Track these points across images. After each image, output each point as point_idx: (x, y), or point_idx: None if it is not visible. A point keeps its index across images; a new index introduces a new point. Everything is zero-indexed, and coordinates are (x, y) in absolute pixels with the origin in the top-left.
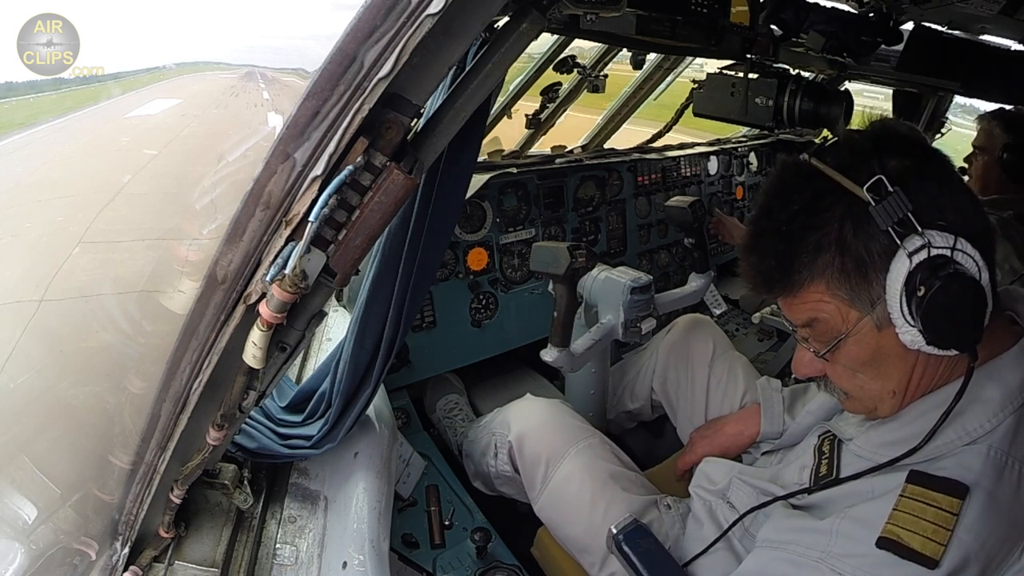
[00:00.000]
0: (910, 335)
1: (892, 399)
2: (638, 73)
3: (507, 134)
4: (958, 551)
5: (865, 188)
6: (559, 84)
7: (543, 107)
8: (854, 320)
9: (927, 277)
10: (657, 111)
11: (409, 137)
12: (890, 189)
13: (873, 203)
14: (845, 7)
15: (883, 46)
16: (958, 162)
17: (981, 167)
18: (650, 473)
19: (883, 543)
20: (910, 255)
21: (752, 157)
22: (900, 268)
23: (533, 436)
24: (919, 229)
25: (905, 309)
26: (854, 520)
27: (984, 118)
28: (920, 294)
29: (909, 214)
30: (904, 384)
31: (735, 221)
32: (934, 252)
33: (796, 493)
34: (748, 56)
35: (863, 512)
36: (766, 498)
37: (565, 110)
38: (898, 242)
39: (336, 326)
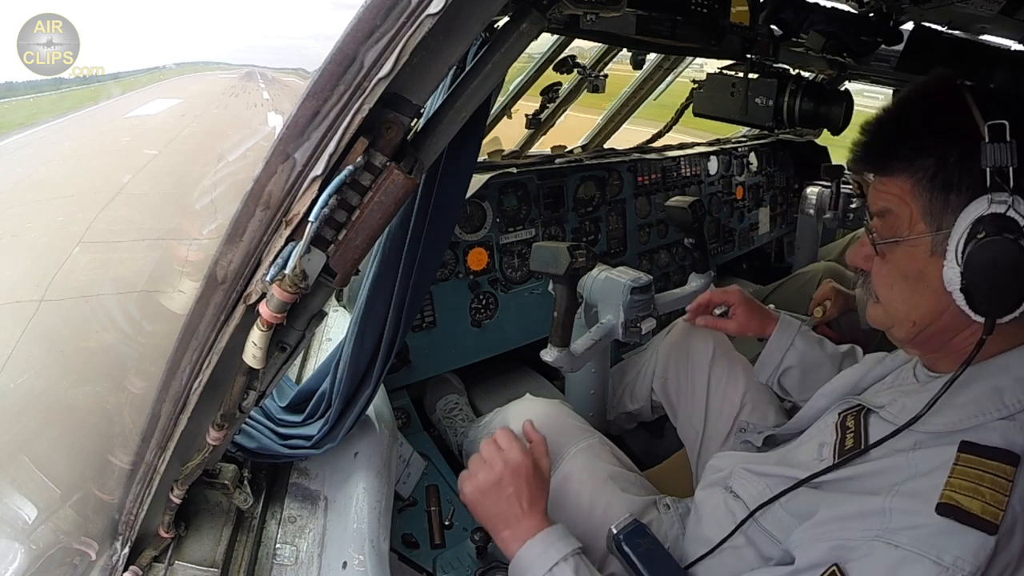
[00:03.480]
0: (951, 273)
1: (910, 329)
2: (638, 73)
3: (507, 134)
4: (1012, 521)
5: (988, 124)
6: (559, 84)
7: (543, 107)
8: (917, 231)
9: (993, 230)
10: (657, 111)
11: (409, 137)
12: (1008, 139)
13: (988, 140)
14: (845, 7)
15: (883, 46)
16: None
17: None
18: (650, 473)
19: (943, 509)
20: (991, 202)
21: (752, 157)
22: (977, 208)
23: None
24: (1010, 186)
25: (960, 245)
26: (907, 495)
27: None
28: (980, 237)
29: (1011, 168)
30: (927, 322)
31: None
32: (1011, 214)
33: (821, 472)
34: (748, 56)
35: (916, 487)
36: (778, 486)
37: (565, 110)
38: (987, 185)
39: (336, 326)
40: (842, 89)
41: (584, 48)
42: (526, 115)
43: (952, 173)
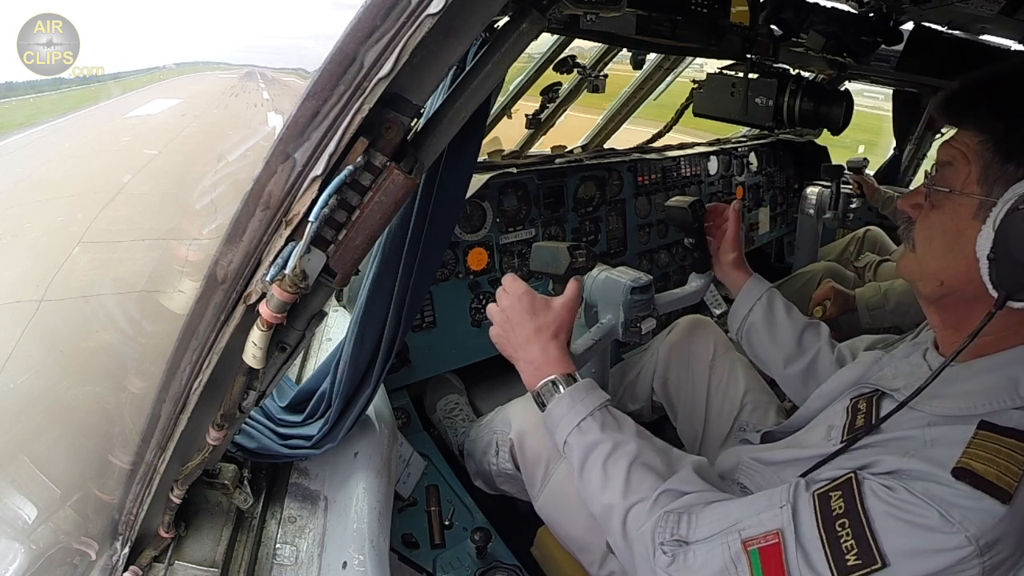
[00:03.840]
0: (984, 239)
1: (936, 287)
2: (638, 73)
3: (507, 134)
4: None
5: None
6: (559, 84)
7: (543, 107)
8: (969, 190)
9: None
10: (657, 111)
11: (409, 137)
12: None
13: None
14: (845, 7)
15: (883, 46)
16: None
17: None
18: None
19: (959, 473)
20: None
21: (752, 157)
22: None
23: (534, 434)
24: None
25: (1001, 214)
26: (923, 459)
27: None
28: (1020, 209)
29: None
30: (953, 286)
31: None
32: None
33: (834, 455)
34: (748, 56)
35: (932, 454)
36: (785, 470)
37: (565, 110)
38: None
39: (336, 326)
40: (842, 89)
41: (584, 48)
42: (526, 115)
43: (1017, 144)
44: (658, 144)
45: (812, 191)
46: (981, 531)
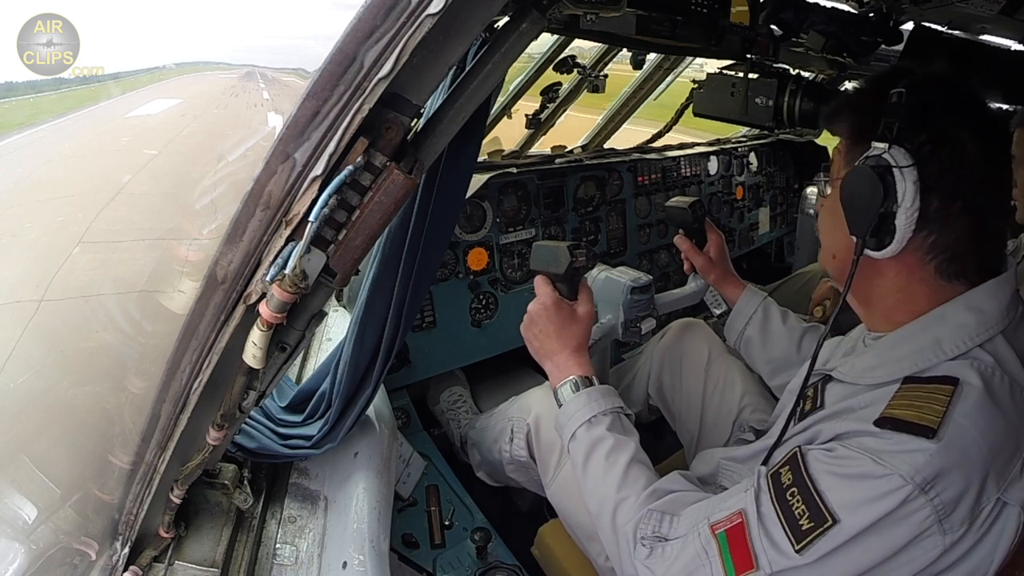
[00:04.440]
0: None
1: (832, 262)
2: (638, 73)
3: (507, 134)
4: (958, 433)
5: (893, 91)
6: (559, 84)
7: (543, 107)
8: (841, 176)
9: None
10: (657, 111)
11: (409, 137)
12: (902, 102)
13: (895, 99)
14: (845, 7)
15: (883, 46)
16: None
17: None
18: None
19: (881, 422)
20: (873, 146)
21: (752, 157)
22: (873, 152)
23: (552, 420)
24: (892, 137)
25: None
26: (854, 419)
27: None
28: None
29: (897, 125)
30: (844, 257)
31: None
32: (885, 156)
33: (782, 435)
34: (748, 56)
35: (861, 414)
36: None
37: (565, 110)
38: (879, 134)
39: (336, 326)
40: (842, 89)
41: (584, 48)
42: (526, 115)
43: (863, 129)
44: (658, 144)
45: (812, 191)
46: (914, 469)
